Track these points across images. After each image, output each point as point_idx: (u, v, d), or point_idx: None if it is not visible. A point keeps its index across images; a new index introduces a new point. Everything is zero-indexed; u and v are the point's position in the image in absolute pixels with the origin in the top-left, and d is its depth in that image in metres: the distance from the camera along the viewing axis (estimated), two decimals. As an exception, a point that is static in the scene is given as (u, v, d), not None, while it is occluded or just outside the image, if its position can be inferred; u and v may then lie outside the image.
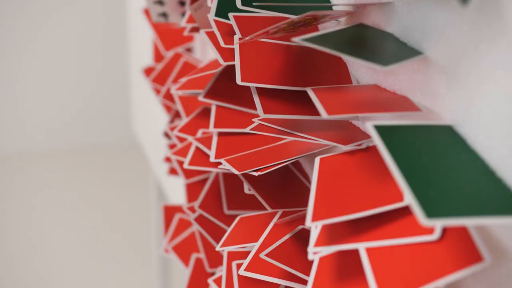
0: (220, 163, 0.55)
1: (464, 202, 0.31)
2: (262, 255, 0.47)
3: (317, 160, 0.43)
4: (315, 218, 0.38)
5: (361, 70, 0.47)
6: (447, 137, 0.36)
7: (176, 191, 1.40)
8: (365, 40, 0.42)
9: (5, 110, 3.28)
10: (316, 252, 0.39)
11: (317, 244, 0.39)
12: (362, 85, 0.46)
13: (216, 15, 0.52)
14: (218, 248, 0.54)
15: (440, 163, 0.33)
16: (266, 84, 0.46)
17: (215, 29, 0.52)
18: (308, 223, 0.38)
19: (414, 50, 0.39)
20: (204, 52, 0.90)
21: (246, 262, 0.50)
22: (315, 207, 0.39)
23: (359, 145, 0.44)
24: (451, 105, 0.36)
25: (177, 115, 0.89)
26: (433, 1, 0.37)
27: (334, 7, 0.48)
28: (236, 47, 0.48)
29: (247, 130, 0.54)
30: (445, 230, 0.35)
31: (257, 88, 0.46)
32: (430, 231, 0.35)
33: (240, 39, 0.48)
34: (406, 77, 0.41)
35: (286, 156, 0.50)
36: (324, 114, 0.38)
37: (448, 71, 0.36)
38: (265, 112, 0.45)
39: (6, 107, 3.28)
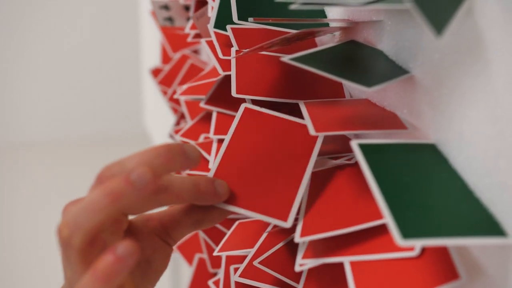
0: None
1: (442, 222, 0.32)
2: (255, 263, 0.48)
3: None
4: (303, 234, 0.39)
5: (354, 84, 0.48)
6: (430, 156, 0.37)
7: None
8: (355, 58, 0.43)
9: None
10: (302, 264, 0.41)
11: (305, 257, 0.41)
12: (354, 99, 0.47)
13: (215, 26, 0.53)
14: (216, 253, 0.55)
15: (421, 183, 0.34)
16: (260, 96, 0.47)
17: (214, 40, 0.54)
18: (297, 239, 0.39)
19: (401, 69, 0.40)
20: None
21: (240, 268, 0.51)
22: (304, 224, 0.40)
23: (349, 159, 0.45)
24: (434, 124, 0.37)
25: (182, 117, 0.91)
26: (417, 23, 0.38)
27: (330, 23, 0.49)
28: (232, 60, 0.49)
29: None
30: (425, 248, 0.36)
31: (252, 100, 0.48)
32: (410, 248, 0.36)
33: (237, 51, 0.50)
34: (394, 94, 0.42)
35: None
36: (312, 131, 0.39)
37: (432, 91, 0.37)
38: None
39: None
